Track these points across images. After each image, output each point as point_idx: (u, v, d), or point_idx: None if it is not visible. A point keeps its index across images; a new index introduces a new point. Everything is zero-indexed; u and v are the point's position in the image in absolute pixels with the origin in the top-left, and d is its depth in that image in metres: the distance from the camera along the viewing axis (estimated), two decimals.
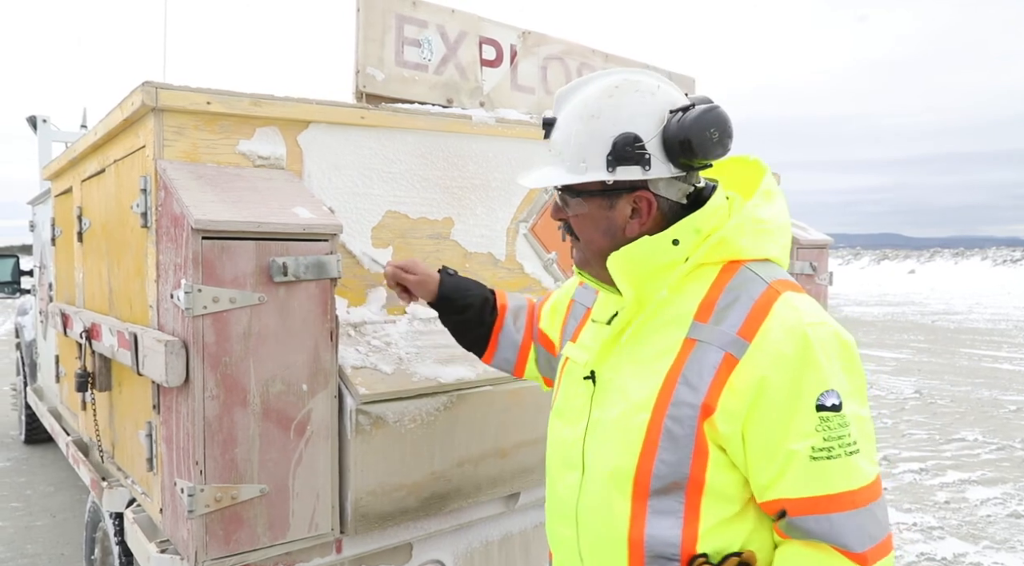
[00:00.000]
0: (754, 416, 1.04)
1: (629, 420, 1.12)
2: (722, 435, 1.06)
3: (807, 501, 1.03)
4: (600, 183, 1.13)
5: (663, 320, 1.14)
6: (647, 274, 1.13)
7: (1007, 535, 4.10)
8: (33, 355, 5.07)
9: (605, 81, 1.15)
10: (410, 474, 1.88)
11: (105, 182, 2.30)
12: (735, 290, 1.10)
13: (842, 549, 1.03)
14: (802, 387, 1.03)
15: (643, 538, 1.11)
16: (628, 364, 1.17)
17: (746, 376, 1.04)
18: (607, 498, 1.14)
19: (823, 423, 1.02)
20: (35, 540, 4.05)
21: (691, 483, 1.09)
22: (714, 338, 1.08)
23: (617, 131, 1.09)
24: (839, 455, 1.02)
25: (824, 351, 1.05)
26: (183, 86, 1.78)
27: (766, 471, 1.05)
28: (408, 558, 2.05)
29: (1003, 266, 29.53)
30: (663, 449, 1.08)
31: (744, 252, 1.13)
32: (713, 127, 1.06)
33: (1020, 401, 7.61)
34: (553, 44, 2.75)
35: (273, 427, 1.70)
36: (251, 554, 1.67)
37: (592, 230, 1.18)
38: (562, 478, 1.25)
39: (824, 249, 3.30)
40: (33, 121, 5.39)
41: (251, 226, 1.61)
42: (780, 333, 1.05)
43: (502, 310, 1.66)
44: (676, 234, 1.11)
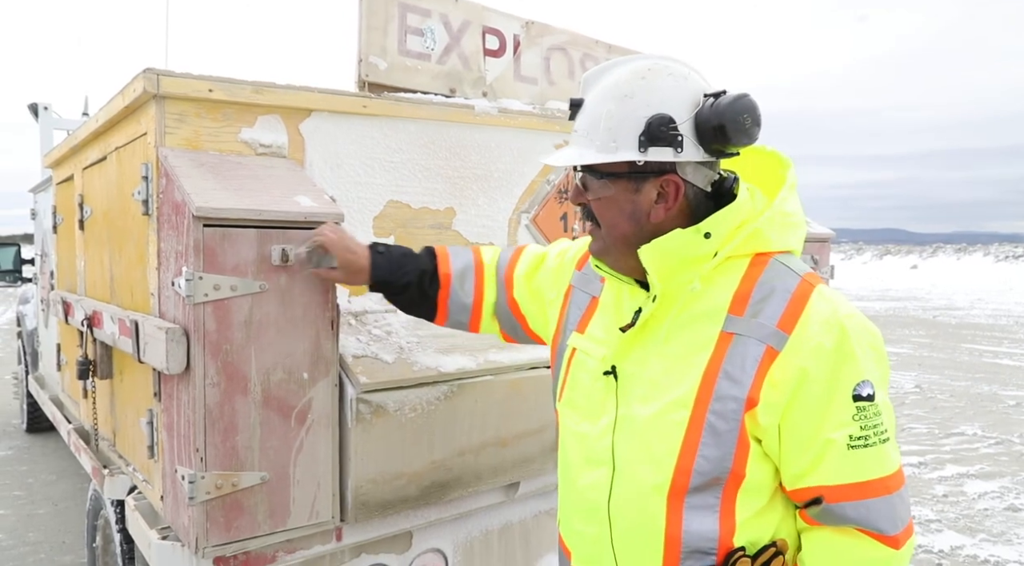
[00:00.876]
0: (793, 407, 1.06)
1: (667, 417, 1.11)
2: (762, 427, 1.08)
3: (845, 488, 1.06)
4: (627, 165, 1.11)
5: (693, 314, 1.13)
6: (677, 267, 1.12)
7: (1004, 528, 4.11)
8: (35, 344, 5.08)
9: (637, 64, 1.14)
10: (410, 463, 1.88)
11: (106, 170, 2.29)
12: (769, 283, 1.11)
13: (876, 533, 1.07)
14: (840, 378, 1.06)
15: (680, 534, 1.11)
16: (657, 359, 1.14)
17: (787, 368, 1.05)
18: (643, 495, 1.13)
19: (860, 412, 1.06)
20: (37, 528, 4.07)
21: (732, 477, 1.10)
22: (753, 331, 1.08)
23: (651, 112, 1.08)
24: (874, 443, 1.06)
25: (859, 342, 1.08)
26: (185, 73, 1.78)
27: (802, 459, 1.08)
28: (408, 546, 2.06)
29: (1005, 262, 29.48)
30: (705, 445, 1.08)
31: (773, 245, 1.14)
32: (746, 113, 1.06)
33: (1020, 396, 7.62)
34: (556, 35, 2.74)
35: (274, 415, 1.71)
36: (251, 541, 1.68)
37: (616, 214, 1.15)
38: (584, 474, 1.22)
39: (826, 243, 3.30)
40: (34, 108, 5.38)
41: (253, 214, 1.61)
42: (819, 326, 1.06)
43: (446, 279, 1.60)
44: (709, 227, 1.10)
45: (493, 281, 1.60)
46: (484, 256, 1.63)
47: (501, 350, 2.11)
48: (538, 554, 2.38)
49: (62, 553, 3.75)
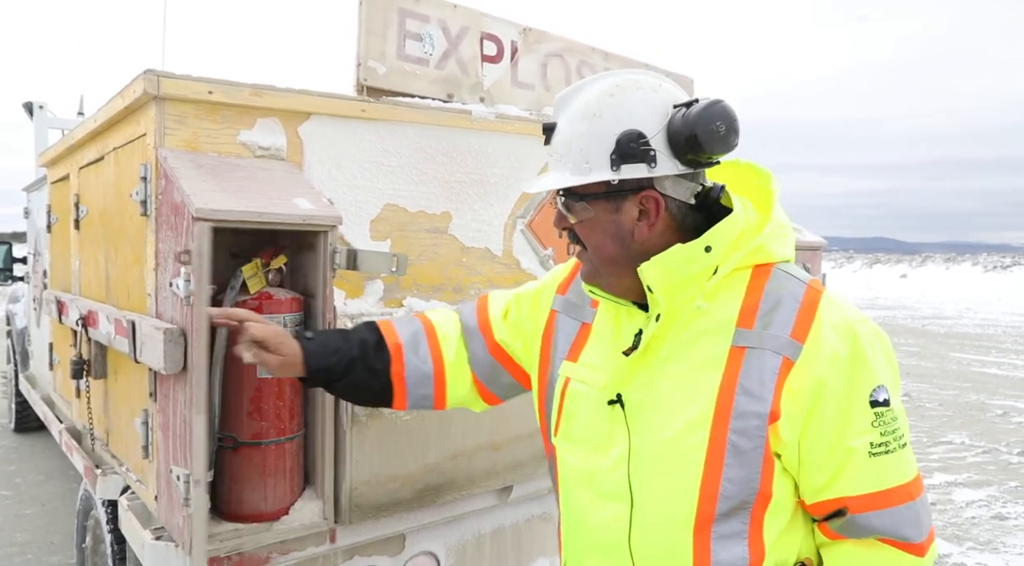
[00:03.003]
0: (812, 417, 1.04)
1: (684, 441, 1.06)
2: (783, 441, 1.05)
3: (870, 497, 1.04)
4: (604, 184, 1.08)
5: (698, 331, 1.09)
6: (680, 283, 1.08)
7: (991, 537, 4.15)
8: (25, 343, 5.05)
9: (605, 82, 1.11)
10: (404, 465, 1.89)
11: (104, 170, 2.30)
12: (775, 293, 1.08)
13: (902, 541, 1.05)
14: (857, 384, 1.04)
15: (710, 564, 1.07)
16: (664, 381, 1.10)
17: (803, 378, 1.03)
18: (667, 528, 1.08)
19: (878, 418, 1.04)
20: (24, 528, 4.05)
21: (759, 498, 1.06)
22: (767, 342, 1.05)
23: (620, 129, 1.05)
24: (895, 449, 1.05)
25: (872, 348, 1.06)
26: (185, 75, 1.79)
27: (823, 472, 1.05)
28: (401, 549, 2.07)
29: (994, 272, 29.73)
30: (729, 466, 1.04)
31: (774, 256, 1.12)
32: (719, 120, 1.03)
33: (1007, 405, 7.69)
34: (554, 41, 2.76)
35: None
36: (246, 541, 1.69)
37: (600, 235, 1.12)
38: (597, 511, 1.16)
39: (818, 251, 3.33)
40: (29, 107, 5.36)
41: (252, 216, 1.62)
42: (832, 333, 1.05)
43: (396, 350, 1.39)
44: (709, 240, 1.07)
45: (457, 339, 1.43)
46: (433, 318, 1.47)
47: None
48: (530, 558, 2.39)
49: (50, 553, 3.73)
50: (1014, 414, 7.29)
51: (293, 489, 1.80)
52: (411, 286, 2.24)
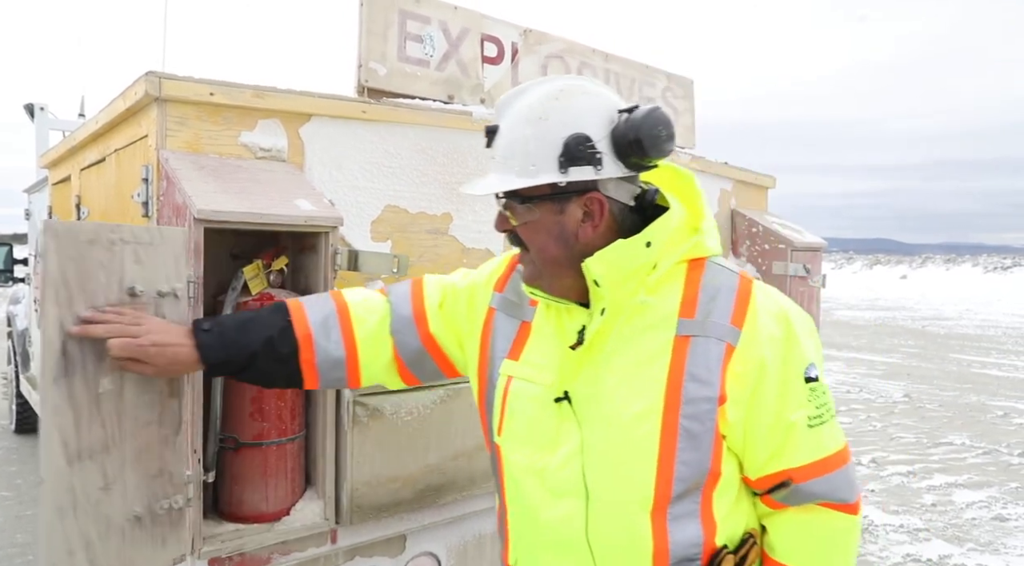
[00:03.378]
0: (755, 396, 1.11)
1: (637, 429, 1.10)
2: (729, 422, 1.11)
3: (811, 466, 1.13)
4: (549, 187, 1.10)
5: (643, 324, 1.13)
6: (624, 277, 1.11)
7: (991, 538, 4.15)
8: (26, 344, 5.06)
9: (548, 86, 1.14)
10: (405, 466, 1.89)
11: (105, 171, 2.30)
12: (713, 283, 1.15)
13: (838, 503, 1.15)
14: (792, 363, 1.12)
15: (668, 547, 1.12)
16: (610, 375, 1.13)
17: (746, 361, 1.10)
18: (625, 518, 1.12)
19: (812, 393, 1.13)
20: (25, 529, 4.05)
21: (710, 478, 1.12)
22: (709, 330, 1.11)
23: (567, 132, 1.08)
24: (828, 420, 1.14)
25: (801, 329, 1.15)
26: (187, 76, 1.79)
27: (767, 446, 1.12)
28: (402, 550, 2.07)
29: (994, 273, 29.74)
30: (682, 450, 1.09)
31: (708, 250, 1.18)
32: (660, 126, 1.07)
33: (1007, 406, 7.69)
34: (554, 43, 2.77)
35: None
36: (247, 542, 1.69)
37: (544, 237, 1.13)
38: (549, 508, 1.17)
39: (818, 252, 3.33)
40: (31, 109, 5.37)
41: (253, 217, 1.63)
42: (767, 317, 1.13)
43: (306, 340, 1.32)
44: (649, 236, 1.11)
45: (379, 322, 1.36)
46: (349, 298, 1.39)
47: None
48: None
49: None
50: (1014, 415, 7.29)
51: (294, 490, 1.81)
52: None
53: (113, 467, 1.27)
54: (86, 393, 1.24)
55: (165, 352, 1.24)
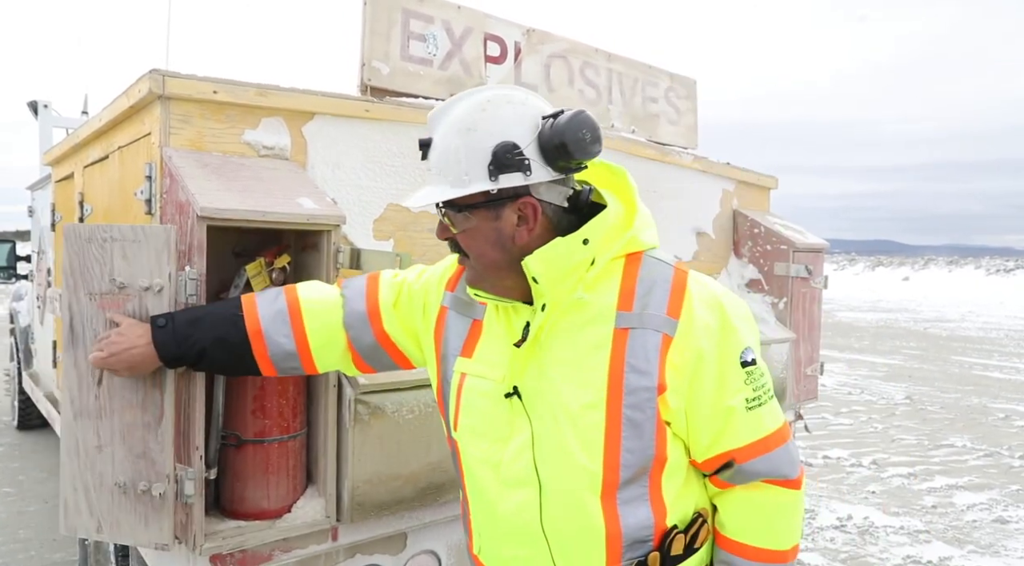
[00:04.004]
0: (695, 384, 1.16)
1: (583, 420, 1.15)
2: (671, 410, 1.16)
3: (752, 446, 1.19)
4: (483, 194, 1.14)
5: (583, 319, 1.17)
6: (562, 274, 1.15)
7: (992, 540, 4.14)
8: (28, 341, 5.07)
9: (476, 97, 1.18)
10: (407, 464, 1.90)
11: (108, 168, 2.31)
12: (649, 277, 1.19)
13: (781, 479, 1.21)
14: (728, 350, 1.17)
15: (620, 530, 1.17)
16: (555, 368, 1.17)
17: (683, 350, 1.15)
18: (577, 505, 1.16)
19: (749, 377, 1.19)
20: (27, 525, 4.06)
21: (656, 463, 1.17)
22: (647, 322, 1.16)
23: (495, 141, 1.12)
24: (765, 401, 1.20)
25: (735, 315, 1.20)
26: (190, 75, 1.80)
27: (709, 430, 1.18)
28: (402, 548, 2.08)
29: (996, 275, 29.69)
30: (627, 439, 1.14)
31: (644, 244, 1.22)
32: (584, 128, 1.11)
33: (1008, 409, 7.67)
34: (557, 42, 2.77)
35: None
36: (248, 538, 1.69)
37: (482, 243, 1.18)
38: (505, 499, 1.21)
39: (820, 253, 3.33)
40: (34, 106, 5.38)
41: (256, 215, 1.63)
42: (701, 307, 1.17)
43: (256, 335, 1.40)
44: (586, 234, 1.15)
45: (331, 317, 1.43)
46: (302, 294, 1.45)
47: None
48: None
49: (52, 550, 3.74)
50: (1016, 418, 7.28)
51: (295, 487, 1.81)
52: None
53: (105, 433, 1.53)
54: (85, 363, 1.51)
55: (123, 357, 1.42)
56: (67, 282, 1.53)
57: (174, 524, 1.57)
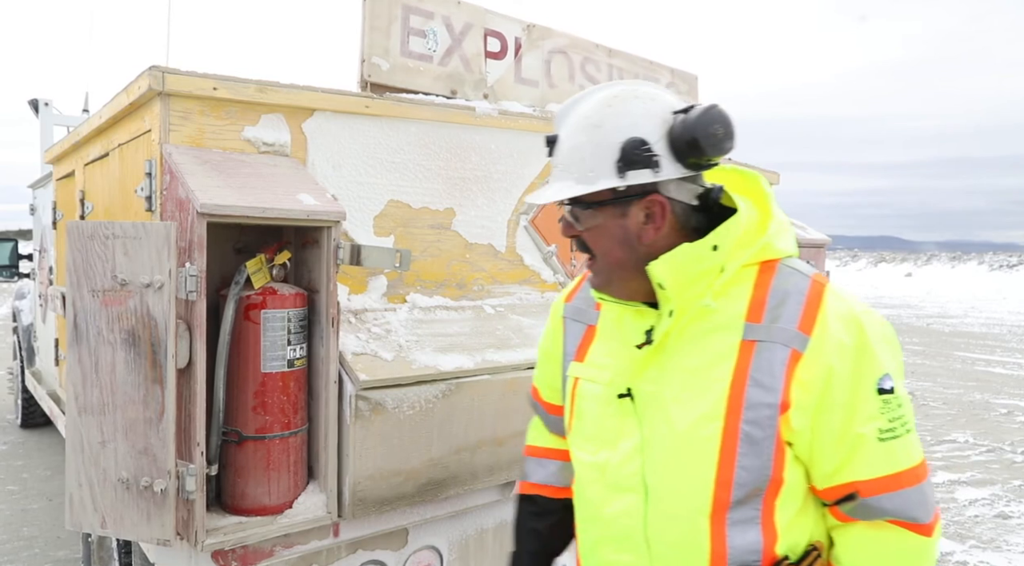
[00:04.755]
0: (822, 406, 1.07)
1: (698, 431, 1.10)
2: (794, 430, 1.08)
3: (880, 481, 1.08)
4: (611, 192, 1.12)
5: (709, 326, 1.13)
6: (689, 280, 1.11)
7: (993, 535, 4.14)
8: (31, 339, 5.08)
9: (603, 93, 1.15)
10: (408, 460, 1.90)
11: (109, 166, 2.31)
12: (782, 287, 1.12)
13: (910, 522, 1.09)
14: (863, 373, 1.08)
15: (725, 550, 1.11)
16: (675, 375, 1.14)
17: (812, 368, 1.07)
18: (684, 516, 1.12)
19: (885, 405, 1.08)
20: (31, 523, 4.07)
21: (771, 485, 1.10)
22: (775, 336, 1.09)
23: (623, 137, 1.09)
24: (902, 434, 1.09)
25: (876, 337, 1.10)
26: (190, 71, 1.80)
27: (834, 457, 1.09)
28: (404, 543, 2.08)
29: (999, 271, 29.62)
30: (743, 455, 1.08)
31: (779, 251, 1.16)
32: (717, 124, 1.07)
33: (1011, 405, 7.66)
34: (557, 38, 2.76)
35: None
36: (250, 535, 1.70)
37: (608, 241, 1.15)
38: (610, 503, 1.19)
39: (822, 249, 3.33)
40: (35, 104, 5.38)
41: (256, 212, 1.63)
42: (837, 324, 1.08)
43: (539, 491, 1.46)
44: (715, 240, 1.11)
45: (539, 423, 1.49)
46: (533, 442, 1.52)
47: (499, 350, 2.13)
48: None
49: (56, 548, 3.76)
50: (1018, 413, 7.27)
51: (297, 483, 1.81)
52: (414, 282, 2.25)
53: (108, 429, 1.56)
54: (89, 359, 1.55)
55: None
56: (70, 279, 1.54)
57: (176, 520, 1.58)
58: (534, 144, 2.51)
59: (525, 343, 2.21)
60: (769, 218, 1.17)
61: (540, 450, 1.48)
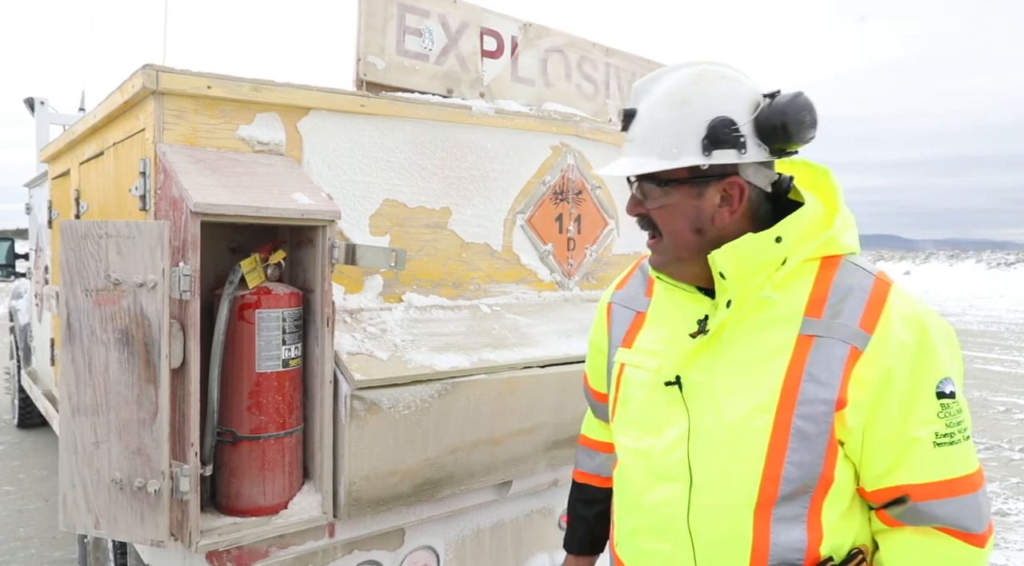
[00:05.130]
0: (878, 405, 1.06)
1: (748, 424, 1.08)
2: (848, 428, 1.06)
3: (933, 486, 1.06)
4: (689, 170, 1.10)
5: (767, 319, 1.11)
6: (750, 271, 1.09)
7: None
8: (28, 339, 5.06)
9: (687, 70, 1.13)
10: (403, 460, 1.89)
11: (104, 165, 2.30)
12: (845, 283, 1.10)
13: (962, 531, 1.07)
14: (923, 375, 1.06)
15: (768, 546, 1.09)
16: (729, 365, 1.12)
17: (872, 367, 1.05)
18: (729, 508, 1.10)
19: (944, 409, 1.06)
20: (27, 523, 4.06)
21: (821, 483, 1.08)
22: (835, 332, 1.07)
23: (711, 115, 1.08)
24: (959, 440, 1.06)
25: (939, 340, 1.08)
26: (184, 70, 1.79)
27: (885, 459, 1.07)
28: (400, 544, 2.07)
29: (997, 269, 29.65)
30: (793, 451, 1.06)
31: (843, 247, 1.14)
32: (805, 110, 1.06)
33: (1009, 402, 7.67)
34: (554, 37, 2.75)
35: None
36: (245, 535, 1.69)
37: (679, 221, 1.13)
38: (652, 491, 1.17)
39: None
40: (31, 103, 5.36)
41: (250, 211, 1.62)
42: (900, 324, 1.06)
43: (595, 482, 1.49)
44: (780, 232, 1.09)
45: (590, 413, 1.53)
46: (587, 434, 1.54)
47: (495, 349, 2.12)
48: (529, 552, 2.39)
49: (52, 548, 3.75)
50: (1016, 411, 7.28)
51: (292, 483, 1.81)
52: (410, 281, 2.25)
53: (102, 429, 1.56)
54: (82, 359, 1.54)
55: None
56: (64, 278, 1.54)
57: (170, 521, 1.57)
58: (531, 143, 2.50)
59: (522, 343, 2.20)
60: (836, 213, 1.15)
61: (590, 441, 1.50)
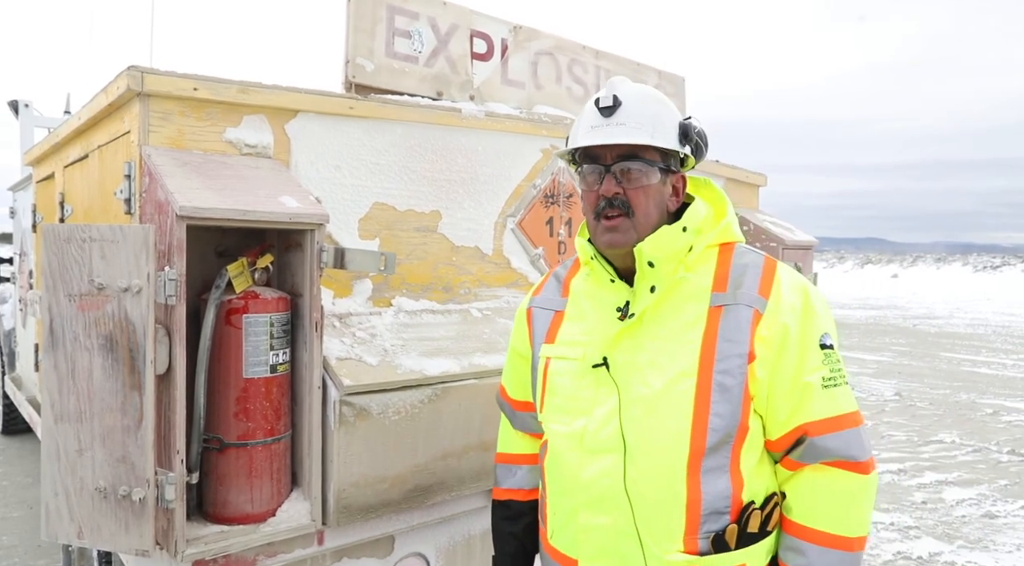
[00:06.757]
0: (779, 358, 1.23)
1: (675, 387, 1.22)
2: (757, 380, 1.23)
3: (825, 422, 1.23)
4: (664, 157, 1.28)
5: (680, 298, 1.27)
6: (669, 258, 1.27)
7: (981, 535, 4.16)
8: (11, 344, 5.00)
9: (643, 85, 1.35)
10: (393, 466, 1.87)
11: (88, 168, 2.27)
12: (741, 262, 1.30)
13: (851, 460, 1.23)
14: (809, 330, 1.25)
15: (700, 498, 1.22)
16: (652, 342, 1.26)
17: (771, 325, 1.23)
18: (662, 467, 1.22)
19: (827, 358, 1.25)
20: (11, 531, 4.00)
21: (739, 431, 1.22)
22: (740, 299, 1.25)
23: (680, 117, 1.31)
24: (841, 383, 1.26)
25: (818, 301, 1.29)
26: (170, 71, 1.76)
27: (786, 405, 1.24)
28: (390, 551, 2.05)
29: (984, 272, 29.94)
30: (716, 403, 1.21)
31: (735, 236, 1.36)
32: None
33: (997, 405, 7.72)
34: (544, 39, 2.75)
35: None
36: (232, 543, 1.66)
37: (652, 203, 1.28)
38: (587, 467, 1.27)
39: (809, 250, 3.33)
40: (15, 106, 5.31)
41: (237, 214, 1.60)
42: (788, 290, 1.27)
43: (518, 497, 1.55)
44: (685, 223, 1.28)
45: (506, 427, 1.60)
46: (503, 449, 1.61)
47: (486, 354, 2.10)
48: None
49: (36, 557, 3.69)
50: (1004, 413, 7.33)
51: (280, 491, 1.78)
52: (400, 285, 2.23)
53: (85, 436, 1.52)
54: (65, 365, 1.51)
55: None
56: (47, 283, 1.51)
57: (155, 530, 1.54)
58: (521, 146, 2.49)
59: None
60: (724, 207, 1.36)
61: (509, 456, 1.58)
